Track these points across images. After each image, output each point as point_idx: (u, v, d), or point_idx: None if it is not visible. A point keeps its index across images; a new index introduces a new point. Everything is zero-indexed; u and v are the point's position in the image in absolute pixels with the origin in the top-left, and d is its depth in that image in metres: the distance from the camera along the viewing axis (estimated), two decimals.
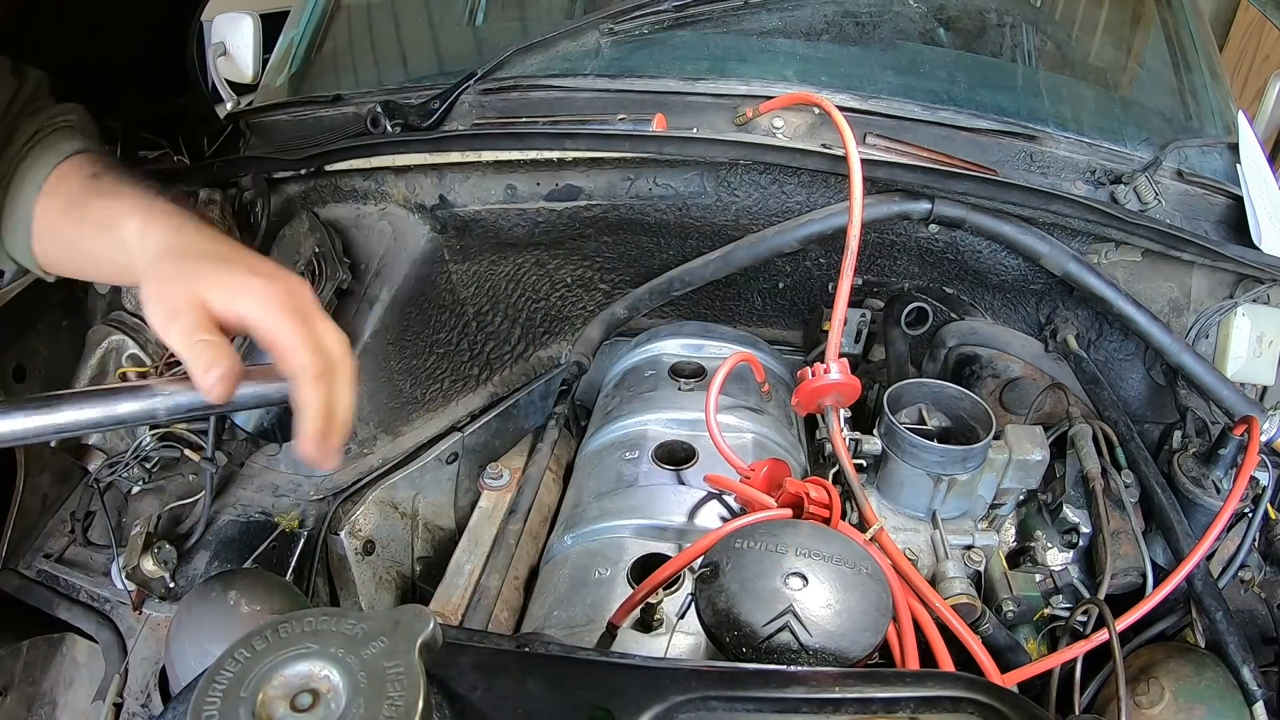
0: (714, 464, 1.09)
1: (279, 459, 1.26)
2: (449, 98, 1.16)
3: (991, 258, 1.22)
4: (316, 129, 1.19)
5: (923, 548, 1.03)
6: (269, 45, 1.59)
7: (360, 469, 1.27)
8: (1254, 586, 1.06)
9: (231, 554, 1.15)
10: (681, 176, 1.18)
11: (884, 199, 1.12)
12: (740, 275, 1.27)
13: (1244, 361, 1.17)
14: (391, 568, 1.30)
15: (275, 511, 1.20)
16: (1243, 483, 0.98)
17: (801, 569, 0.73)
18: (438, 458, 1.33)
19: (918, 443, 1.00)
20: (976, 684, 0.57)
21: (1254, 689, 0.88)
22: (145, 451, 1.17)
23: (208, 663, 0.47)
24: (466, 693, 0.54)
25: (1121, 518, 1.04)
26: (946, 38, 1.45)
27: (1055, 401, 1.27)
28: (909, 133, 1.16)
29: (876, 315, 1.40)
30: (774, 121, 1.14)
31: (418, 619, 0.49)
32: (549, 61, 1.23)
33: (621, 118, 1.15)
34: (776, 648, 0.69)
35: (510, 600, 1.09)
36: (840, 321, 1.03)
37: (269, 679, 0.46)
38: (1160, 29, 1.66)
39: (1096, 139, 1.26)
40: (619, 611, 0.88)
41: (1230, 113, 1.46)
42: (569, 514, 1.14)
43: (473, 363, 1.35)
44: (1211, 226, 1.22)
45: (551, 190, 1.19)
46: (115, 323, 1.21)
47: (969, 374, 1.36)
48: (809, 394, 1.04)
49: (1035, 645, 1.03)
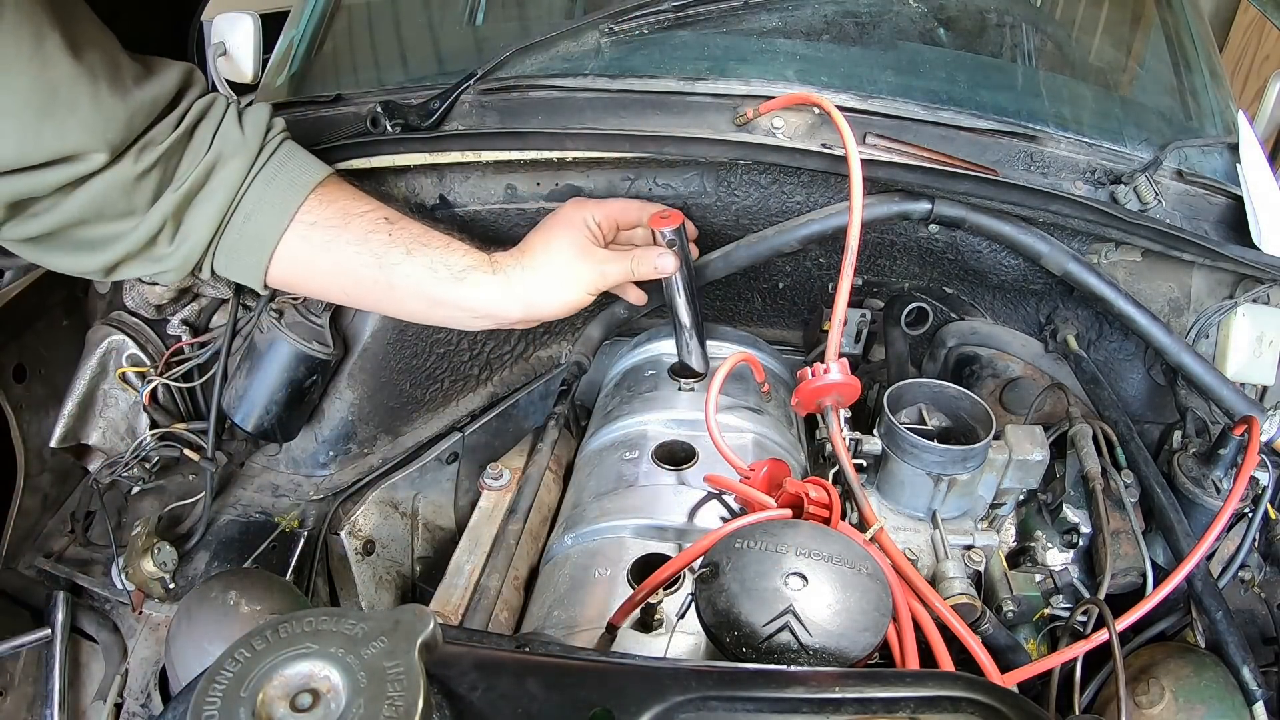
0: (714, 464, 1.09)
1: (279, 459, 1.26)
2: (449, 98, 1.16)
3: (991, 258, 1.22)
4: (316, 129, 1.19)
5: (923, 548, 1.03)
6: (269, 45, 1.59)
7: (360, 469, 1.27)
8: (1254, 586, 1.06)
9: (231, 554, 1.15)
10: (681, 176, 1.18)
11: (884, 199, 1.12)
12: (740, 275, 1.27)
13: (1244, 361, 1.17)
14: (391, 568, 1.30)
15: (275, 511, 1.20)
16: (1243, 483, 0.98)
17: (801, 569, 0.73)
18: (438, 458, 1.33)
19: (918, 443, 1.00)
20: (976, 684, 0.57)
21: (1254, 689, 0.88)
22: (145, 451, 1.17)
23: (208, 663, 0.47)
24: (466, 693, 0.54)
25: (1121, 518, 1.04)
26: (946, 38, 1.45)
27: (1055, 401, 1.27)
28: (909, 133, 1.15)
29: (876, 315, 1.40)
30: (774, 121, 1.14)
31: (418, 619, 0.49)
32: (549, 61, 1.23)
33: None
34: (776, 648, 0.69)
35: (510, 600, 1.09)
36: (840, 321, 1.03)
37: (269, 679, 0.46)
38: (1160, 29, 1.66)
39: (1096, 139, 1.26)
40: (619, 611, 0.89)
41: (1230, 113, 1.46)
42: (569, 514, 1.14)
43: (473, 363, 1.36)
44: (1211, 226, 1.22)
45: (551, 190, 1.19)
46: (115, 323, 1.21)
47: (969, 374, 1.36)
48: (809, 394, 1.04)
49: (1035, 645, 1.03)
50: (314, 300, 1.15)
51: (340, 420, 1.24)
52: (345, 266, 1.00)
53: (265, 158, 0.99)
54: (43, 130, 0.82)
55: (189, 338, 1.21)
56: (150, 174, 0.91)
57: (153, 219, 0.93)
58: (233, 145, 0.96)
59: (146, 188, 0.91)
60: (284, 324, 1.14)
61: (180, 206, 0.94)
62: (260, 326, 1.15)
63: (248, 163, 0.97)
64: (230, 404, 1.17)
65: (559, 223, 1.08)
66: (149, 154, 0.90)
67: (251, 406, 1.16)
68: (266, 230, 0.98)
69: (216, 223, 0.96)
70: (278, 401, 1.16)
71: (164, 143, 0.91)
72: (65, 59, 0.82)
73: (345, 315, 1.22)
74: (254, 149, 0.98)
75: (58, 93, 0.82)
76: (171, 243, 0.96)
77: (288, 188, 0.98)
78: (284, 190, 0.98)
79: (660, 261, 1.08)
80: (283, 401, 1.16)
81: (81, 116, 0.84)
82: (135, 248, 0.94)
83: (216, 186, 0.96)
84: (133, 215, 0.92)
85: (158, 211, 0.93)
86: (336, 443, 1.25)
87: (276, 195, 0.98)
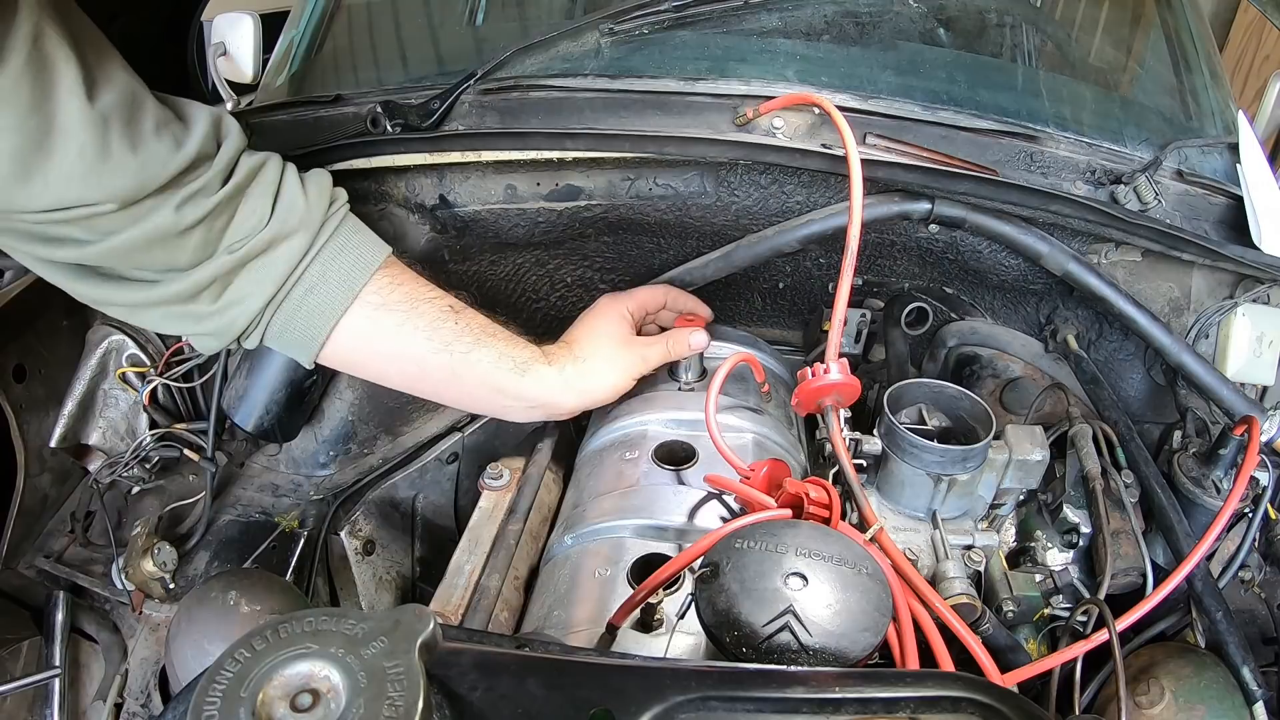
0: (714, 464, 1.09)
1: (279, 459, 1.26)
2: (449, 98, 1.15)
3: (991, 258, 1.22)
4: (316, 129, 1.19)
5: (923, 548, 1.03)
6: (269, 45, 1.59)
7: (360, 469, 1.27)
8: (1254, 586, 1.06)
9: (231, 554, 1.15)
10: (681, 176, 1.18)
11: (884, 199, 1.12)
12: (740, 275, 1.27)
13: (1244, 361, 1.17)
14: (391, 568, 1.30)
15: (275, 511, 1.20)
16: (1243, 483, 0.98)
17: (801, 569, 0.73)
18: (438, 458, 1.34)
19: (918, 443, 1.00)
20: (976, 684, 0.57)
21: (1254, 689, 0.88)
22: (145, 452, 1.18)
23: (208, 663, 0.47)
24: (466, 693, 0.54)
25: (1121, 518, 1.04)
26: (946, 38, 1.45)
27: (1055, 401, 1.27)
28: (909, 133, 1.15)
29: (876, 315, 1.40)
30: (774, 121, 1.14)
31: (418, 619, 0.49)
32: (549, 61, 1.23)
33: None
34: (776, 648, 0.69)
35: (510, 600, 1.09)
36: (840, 321, 1.03)
37: (269, 679, 0.46)
38: (1160, 29, 1.66)
39: (1096, 139, 1.26)
40: (619, 611, 0.88)
41: (1230, 113, 1.46)
42: (569, 514, 1.14)
43: None
44: (1211, 226, 1.22)
45: (551, 190, 1.19)
46: (115, 323, 1.21)
47: (969, 374, 1.36)
48: (809, 394, 1.04)
49: (1035, 645, 1.03)
50: None
51: (340, 420, 1.24)
52: (411, 353, 1.00)
53: (330, 230, 0.96)
54: (32, 178, 0.77)
55: None
56: (195, 230, 0.87)
57: (199, 276, 0.90)
58: (298, 215, 0.93)
59: (190, 244, 0.88)
60: None
61: (232, 270, 0.91)
62: None
63: (311, 234, 0.94)
64: (230, 404, 1.17)
65: (599, 317, 1.15)
66: (193, 208, 0.87)
67: (251, 407, 1.16)
68: (329, 306, 0.96)
69: (272, 293, 0.93)
70: (278, 401, 1.16)
71: (211, 199, 0.88)
72: (75, 101, 0.77)
73: None
74: (319, 220, 0.95)
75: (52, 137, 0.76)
76: (215, 303, 0.92)
77: (354, 264, 0.96)
78: (350, 267, 0.96)
79: (694, 340, 1.19)
80: (283, 402, 1.16)
81: (82, 166, 0.78)
82: (176, 298, 0.91)
83: (278, 257, 0.92)
84: (173, 270, 0.89)
85: (206, 270, 0.90)
86: (336, 443, 1.25)
87: (342, 272, 0.95)
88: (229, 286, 0.92)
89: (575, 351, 1.11)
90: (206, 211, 0.88)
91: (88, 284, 0.90)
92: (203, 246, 0.89)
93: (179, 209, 0.86)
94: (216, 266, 0.90)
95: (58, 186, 0.78)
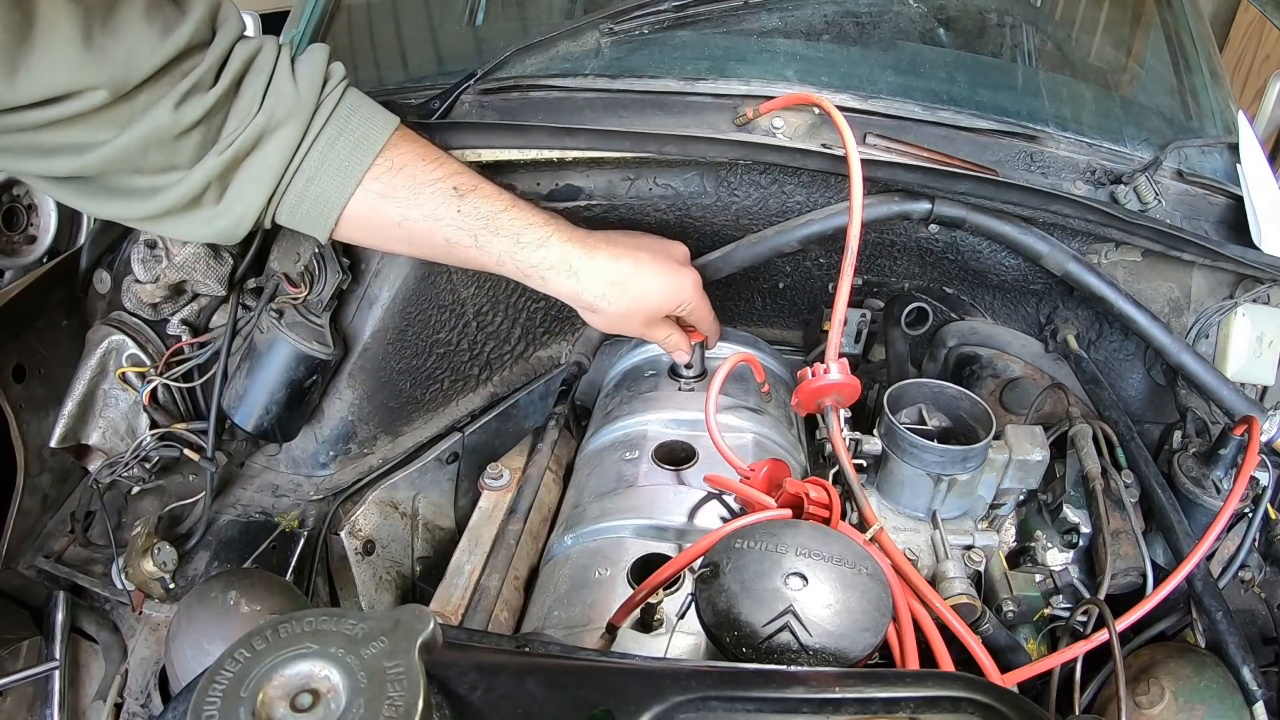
0: (714, 464, 1.09)
1: (279, 459, 1.26)
2: (449, 97, 1.15)
3: (991, 258, 1.22)
4: None
5: (923, 548, 1.03)
6: None
7: (360, 469, 1.27)
8: (1254, 586, 1.06)
9: (231, 554, 1.15)
10: (681, 176, 1.18)
11: (884, 199, 1.12)
12: (740, 275, 1.27)
13: (1244, 361, 1.17)
14: (391, 568, 1.30)
15: (275, 511, 1.20)
16: (1243, 483, 0.98)
17: (801, 569, 0.73)
18: (438, 458, 1.34)
19: (918, 443, 1.00)
20: (976, 684, 0.57)
21: (1254, 689, 0.88)
22: (145, 451, 1.17)
23: (208, 663, 0.47)
24: (466, 693, 0.54)
25: (1121, 518, 1.04)
26: (946, 38, 1.45)
27: (1055, 401, 1.27)
28: (909, 133, 1.16)
29: (876, 315, 1.40)
30: (774, 121, 1.14)
31: (418, 619, 0.49)
32: (549, 61, 1.23)
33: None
34: (776, 648, 0.69)
35: (510, 600, 1.09)
36: (840, 321, 1.03)
37: (269, 679, 0.46)
38: (1160, 29, 1.66)
39: (1096, 139, 1.26)
40: (619, 612, 0.89)
41: (1230, 113, 1.46)
42: (569, 514, 1.14)
43: (473, 363, 1.36)
44: (1211, 226, 1.22)
45: (552, 190, 1.19)
46: (115, 323, 1.21)
47: (969, 374, 1.36)
48: (809, 394, 1.04)
49: (1035, 645, 1.03)
50: (314, 300, 1.15)
51: (340, 420, 1.24)
52: (420, 241, 0.99)
53: (325, 115, 0.92)
54: (17, 71, 0.74)
55: (189, 338, 1.21)
56: (195, 130, 0.85)
57: (195, 179, 0.87)
58: (286, 105, 0.89)
59: (189, 144, 0.85)
60: (284, 324, 1.14)
61: (227, 170, 0.89)
62: (260, 326, 1.15)
63: (303, 123, 0.90)
64: (230, 404, 1.17)
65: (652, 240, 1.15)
66: (192, 107, 0.84)
67: (251, 406, 1.16)
68: (331, 196, 0.93)
69: (270, 189, 0.91)
70: (278, 401, 1.16)
71: (209, 95, 0.85)
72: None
73: (345, 315, 1.22)
74: (310, 107, 0.91)
75: (35, 26, 0.74)
76: (218, 204, 0.90)
77: (353, 149, 0.93)
78: (349, 152, 0.93)
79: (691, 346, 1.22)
80: (283, 401, 1.16)
81: (68, 52, 0.76)
82: (179, 204, 0.88)
83: (270, 151, 0.89)
84: (175, 170, 0.87)
85: (200, 172, 0.87)
86: (336, 443, 1.25)
87: (340, 159, 0.93)
88: (228, 186, 0.90)
89: (612, 249, 1.05)
90: (206, 110, 0.85)
91: (95, 200, 0.87)
92: (202, 146, 0.87)
93: (178, 108, 0.83)
94: (210, 168, 0.87)
95: (44, 76, 0.76)
